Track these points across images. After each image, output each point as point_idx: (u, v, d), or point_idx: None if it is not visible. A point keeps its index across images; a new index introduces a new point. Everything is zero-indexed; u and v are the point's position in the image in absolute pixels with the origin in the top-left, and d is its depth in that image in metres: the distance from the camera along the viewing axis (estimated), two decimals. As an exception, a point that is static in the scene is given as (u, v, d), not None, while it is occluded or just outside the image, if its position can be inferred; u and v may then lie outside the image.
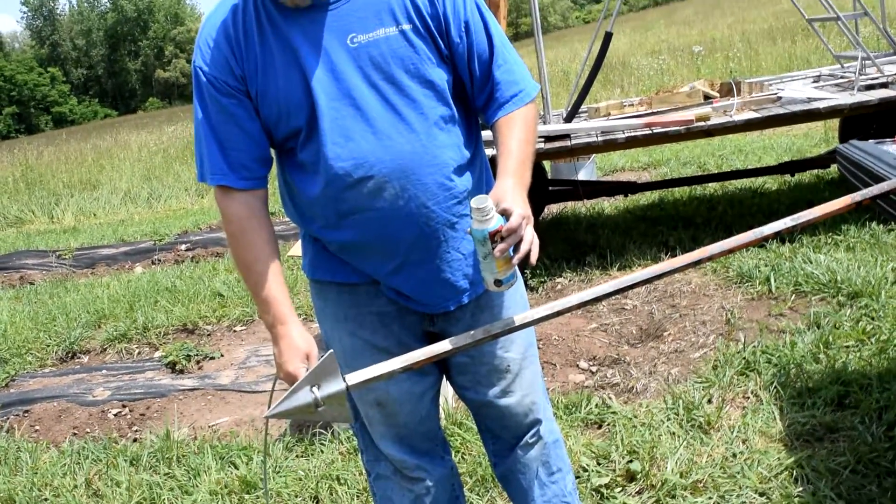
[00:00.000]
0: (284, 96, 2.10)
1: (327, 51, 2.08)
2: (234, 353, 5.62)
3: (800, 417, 3.53)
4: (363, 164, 2.09)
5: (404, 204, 2.13)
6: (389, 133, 2.10)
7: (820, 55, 13.90)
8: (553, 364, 4.61)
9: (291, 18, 2.08)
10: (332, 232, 2.22)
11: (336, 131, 2.09)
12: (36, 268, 9.57)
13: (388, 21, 2.10)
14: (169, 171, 16.03)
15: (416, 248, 2.20)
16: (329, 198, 2.15)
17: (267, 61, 2.10)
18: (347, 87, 2.08)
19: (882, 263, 4.98)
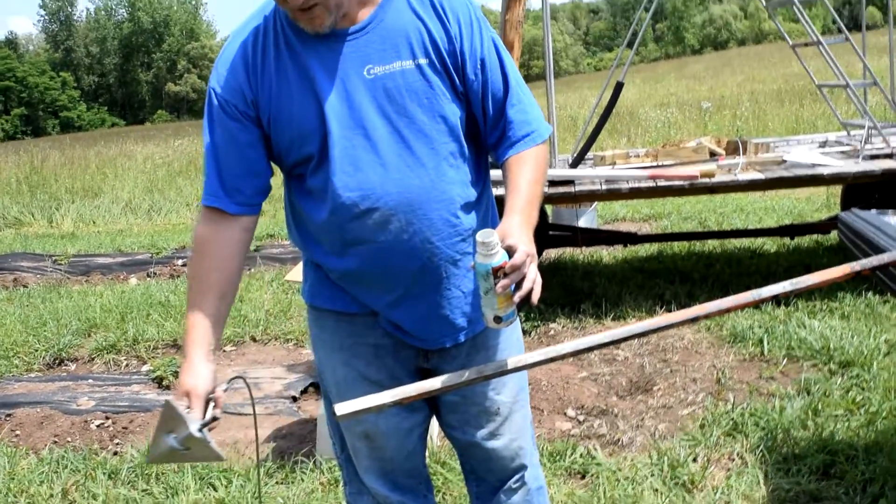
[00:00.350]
0: (298, 122, 2.11)
1: (343, 80, 2.09)
2: (222, 373, 5.59)
3: (784, 483, 3.52)
4: (370, 196, 2.10)
5: (408, 238, 2.13)
6: (398, 166, 2.11)
7: (827, 120, 13.98)
8: (541, 410, 4.59)
9: (310, 45, 2.10)
10: (334, 260, 2.22)
11: (346, 160, 2.09)
12: (31, 271, 9.55)
13: (405, 54, 2.11)
14: (172, 184, 16.04)
15: (418, 282, 2.19)
16: (334, 226, 2.15)
17: (282, 86, 2.11)
18: (360, 117, 2.09)
19: (876, 334, 4.98)
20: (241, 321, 6.55)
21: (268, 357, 5.90)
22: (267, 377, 5.41)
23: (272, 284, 7.71)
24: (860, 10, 9.05)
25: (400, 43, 2.11)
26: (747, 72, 33.56)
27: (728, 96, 22.12)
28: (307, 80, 2.10)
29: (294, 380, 5.33)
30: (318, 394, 4.93)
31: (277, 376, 5.42)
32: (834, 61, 7.14)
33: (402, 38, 2.11)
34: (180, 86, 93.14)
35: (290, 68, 2.11)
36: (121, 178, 16.84)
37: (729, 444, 3.92)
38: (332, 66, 2.09)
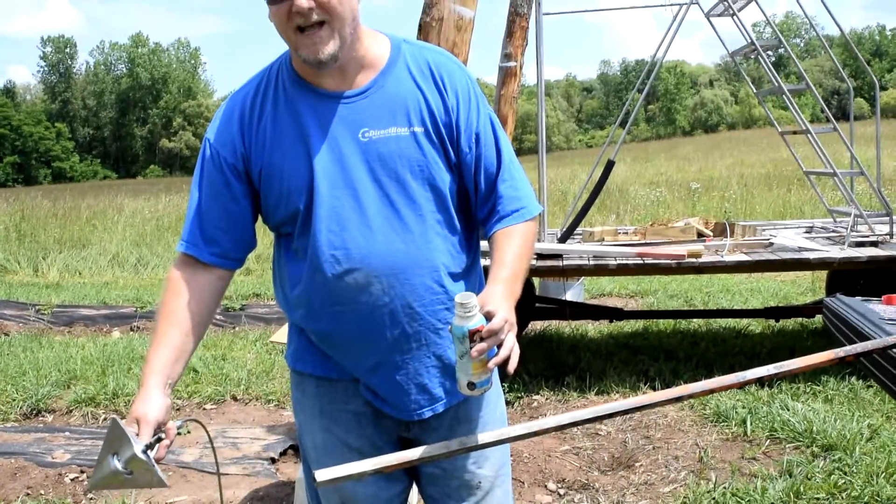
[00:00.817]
0: (288, 177, 2.12)
1: (337, 140, 2.10)
2: (201, 431, 5.53)
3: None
4: (353, 256, 2.10)
5: (389, 301, 2.12)
6: (384, 229, 2.11)
7: (813, 206, 14.14)
8: (521, 482, 4.56)
9: (308, 103, 2.13)
10: (314, 321, 2.21)
11: (333, 219, 2.10)
12: (13, 319, 9.49)
13: (401, 121, 2.13)
14: (160, 239, 16.05)
15: (396, 348, 2.18)
16: (316, 285, 2.14)
17: (276, 140, 2.13)
18: (351, 178, 2.10)
19: (859, 419, 4.98)
20: (223, 379, 6.51)
21: (248, 417, 5.85)
22: (246, 437, 5.36)
23: (256, 344, 7.68)
24: (848, 101, 9.23)
25: (398, 110, 2.13)
26: (736, 155, 33.98)
27: (717, 178, 22.36)
28: (302, 136, 2.11)
29: (273, 441, 5.28)
30: (298, 456, 4.88)
31: (257, 437, 5.37)
32: (822, 149, 7.26)
33: (401, 106, 2.13)
34: (174, 142, 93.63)
35: (286, 123, 2.13)
36: (109, 230, 16.84)
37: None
38: (327, 125, 2.11)
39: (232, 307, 9.78)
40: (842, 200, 8.81)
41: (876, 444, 4.67)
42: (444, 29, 5.01)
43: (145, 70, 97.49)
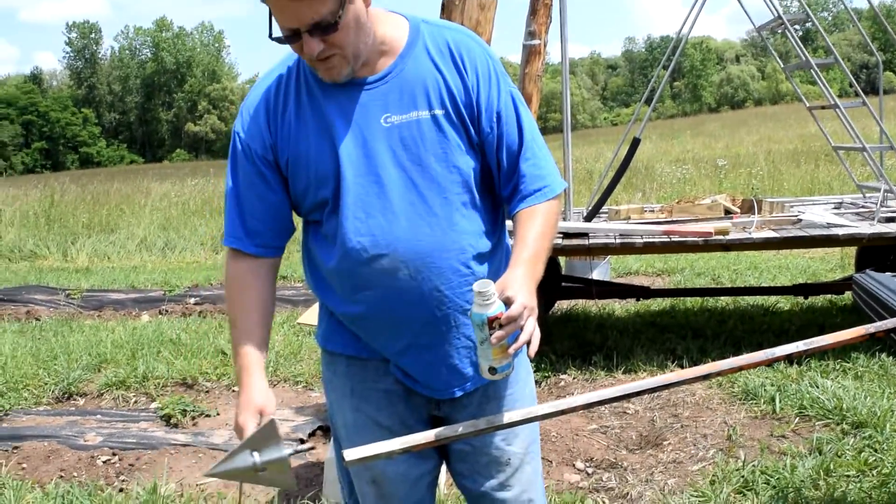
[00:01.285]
0: (315, 167, 2.14)
1: (361, 128, 2.12)
2: (230, 413, 5.58)
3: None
4: (380, 242, 2.12)
5: (417, 285, 2.14)
6: (410, 214, 2.13)
7: (842, 182, 14.00)
8: (549, 461, 4.56)
9: (330, 93, 2.14)
10: (344, 305, 2.23)
11: (359, 206, 2.12)
12: (44, 304, 9.59)
13: (422, 105, 2.14)
14: (187, 223, 16.11)
15: (425, 331, 2.20)
16: (344, 271, 2.17)
17: (301, 131, 2.15)
18: (375, 164, 2.12)
19: (889, 396, 4.94)
20: (252, 361, 6.54)
21: (276, 399, 5.85)
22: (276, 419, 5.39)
23: (283, 326, 7.72)
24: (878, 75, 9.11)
25: (418, 93, 2.14)
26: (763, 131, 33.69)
27: (744, 155, 22.19)
28: (325, 126, 2.14)
29: (302, 422, 5.31)
30: (327, 437, 4.92)
31: (286, 418, 5.40)
32: (851, 124, 7.18)
33: (420, 88, 2.14)
34: (200, 126, 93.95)
35: (309, 114, 2.16)
36: (137, 214, 16.94)
37: (739, 501, 3.89)
38: (350, 113, 2.13)
39: (259, 289, 9.82)
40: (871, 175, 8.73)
41: None
42: (468, 7, 4.98)
43: (170, 54, 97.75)
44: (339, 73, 2.08)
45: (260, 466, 1.96)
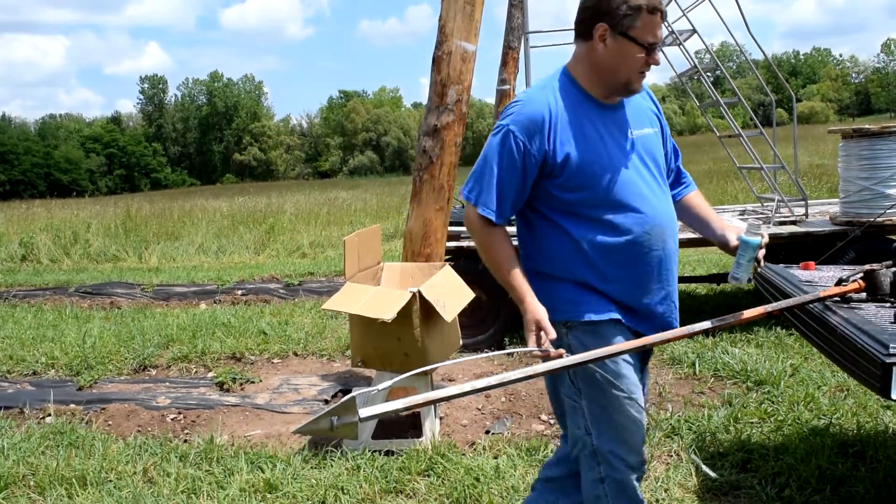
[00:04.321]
0: (594, 168, 2.23)
1: (620, 137, 2.28)
2: (270, 380, 5.57)
3: (713, 473, 3.48)
4: (653, 217, 2.28)
5: (662, 248, 2.32)
6: (660, 197, 2.32)
7: (745, 194, 14.01)
8: (520, 414, 4.56)
9: (596, 112, 2.27)
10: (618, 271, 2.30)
11: (632, 194, 2.25)
12: (124, 296, 9.52)
13: (650, 124, 2.38)
14: (235, 231, 16.03)
15: (668, 276, 2.39)
16: (626, 243, 2.26)
17: (580, 144, 2.23)
18: (634, 163, 2.27)
19: (783, 360, 4.96)
20: (286, 340, 6.53)
21: (306, 368, 5.87)
22: (305, 384, 5.38)
23: (311, 312, 7.70)
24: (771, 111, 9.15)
25: (645, 116, 2.37)
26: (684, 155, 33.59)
27: (669, 173, 22.15)
28: (598, 134, 2.25)
29: (327, 386, 5.30)
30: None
31: (313, 384, 5.39)
32: (751, 149, 7.20)
33: (646, 113, 2.39)
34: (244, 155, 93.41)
35: (587, 127, 2.25)
36: (196, 225, 16.84)
37: (668, 443, 3.89)
38: (612, 127, 2.28)
39: (291, 283, 9.79)
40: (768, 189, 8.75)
41: (796, 379, 4.65)
42: (453, 61, 4.98)
43: (220, 99, 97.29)
44: (640, 87, 2.29)
45: (336, 426, 1.98)
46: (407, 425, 4.29)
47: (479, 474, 3.58)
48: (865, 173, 6.01)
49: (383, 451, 3.98)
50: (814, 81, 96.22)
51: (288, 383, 5.42)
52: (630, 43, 2.17)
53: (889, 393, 1.90)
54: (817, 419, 4.05)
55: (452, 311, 4.01)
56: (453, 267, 4.49)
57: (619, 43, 2.18)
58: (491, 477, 3.56)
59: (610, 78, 2.24)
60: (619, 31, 2.17)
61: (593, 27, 2.21)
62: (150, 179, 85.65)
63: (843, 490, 3.24)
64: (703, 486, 3.41)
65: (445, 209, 5.04)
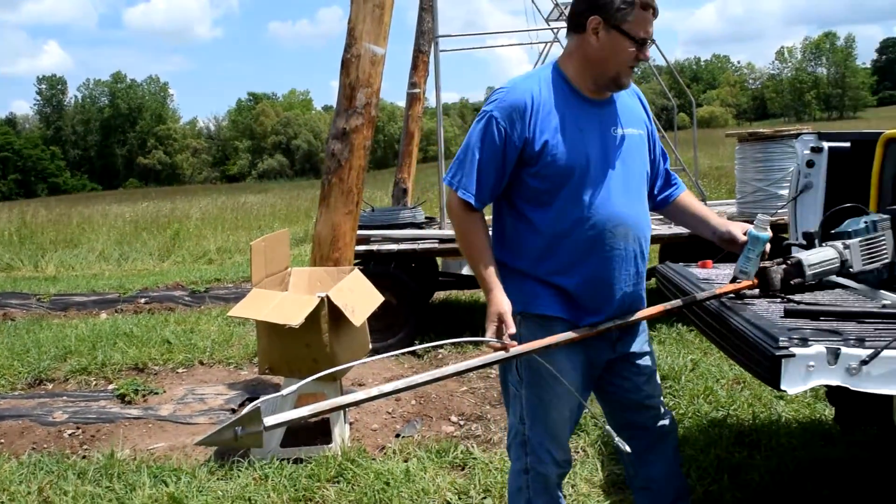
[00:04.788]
0: (569, 155, 2.25)
1: (601, 133, 2.30)
2: (175, 390, 5.40)
3: (616, 469, 3.56)
4: (620, 215, 2.30)
5: (625, 248, 2.34)
6: (632, 197, 2.34)
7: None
8: (430, 416, 4.56)
9: (580, 106, 2.30)
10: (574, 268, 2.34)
11: (602, 190, 2.28)
12: (18, 307, 9.07)
13: (636, 125, 2.39)
14: (138, 238, 15.55)
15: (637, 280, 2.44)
16: (598, 240, 2.30)
17: (559, 134, 2.25)
18: (611, 161, 2.29)
19: (683, 355, 5.12)
20: (192, 348, 6.35)
21: (213, 378, 5.72)
22: (211, 393, 5.24)
23: (218, 319, 7.51)
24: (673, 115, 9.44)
25: (633, 116, 2.39)
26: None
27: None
28: (578, 129, 2.27)
29: (234, 395, 5.18)
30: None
31: (220, 393, 5.26)
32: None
33: (636, 113, 2.41)
34: (149, 159, 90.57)
35: (568, 119, 2.26)
36: (96, 232, 16.25)
37: (574, 440, 3.95)
38: (594, 122, 2.30)
39: (197, 290, 9.54)
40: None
41: (696, 374, 4.81)
42: (362, 64, 4.96)
43: (124, 101, 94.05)
44: (629, 82, 2.33)
45: (240, 436, 1.93)
46: (316, 432, 4.23)
47: (389, 478, 3.57)
48: (760, 175, 6.28)
49: (292, 458, 3.92)
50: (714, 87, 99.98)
51: (193, 393, 5.27)
52: (622, 36, 2.22)
53: (779, 384, 1.97)
54: (716, 411, 4.20)
55: (361, 315, 3.98)
56: (363, 271, 4.47)
57: (611, 36, 2.23)
58: (401, 481, 3.55)
59: (600, 71, 2.28)
60: (612, 24, 2.21)
61: (587, 20, 2.24)
62: (47, 184, 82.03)
63: (741, 478, 3.37)
64: (608, 481, 3.48)
65: (354, 213, 5.00)
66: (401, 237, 6.55)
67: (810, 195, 3.51)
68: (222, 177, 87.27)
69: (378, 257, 6.20)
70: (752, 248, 2.35)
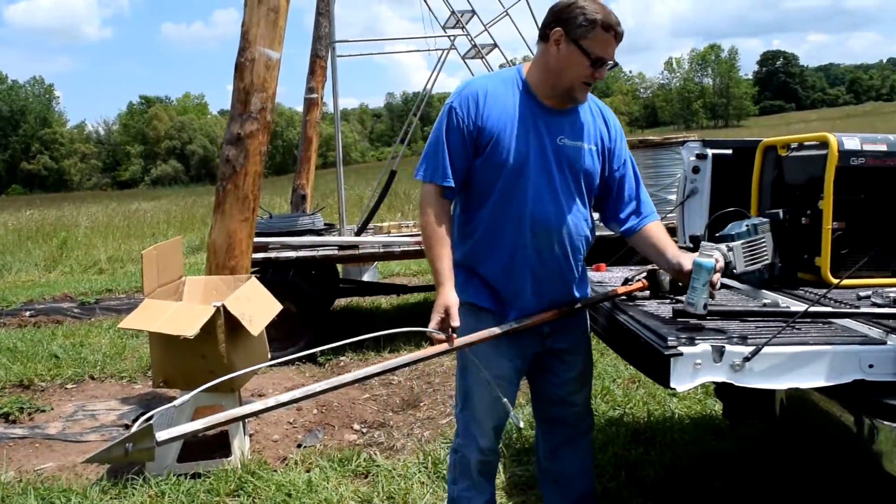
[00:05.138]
0: (511, 153, 2.36)
1: (547, 138, 2.39)
2: (64, 407, 5.15)
3: (518, 471, 3.62)
4: (544, 219, 2.39)
5: (559, 249, 2.44)
6: (562, 204, 2.41)
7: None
8: (332, 425, 4.52)
9: (532, 109, 2.40)
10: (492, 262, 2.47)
11: (533, 190, 2.38)
12: None
13: (588, 140, 2.45)
14: (22, 247, 14.78)
15: (570, 281, 2.53)
16: (519, 235, 2.40)
17: (505, 131, 2.37)
18: (550, 166, 2.39)
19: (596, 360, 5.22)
20: (81, 362, 6.08)
21: (105, 393, 5.48)
22: (103, 409, 5.03)
23: (109, 331, 7.22)
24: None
25: (585, 129, 2.45)
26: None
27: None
28: (526, 130, 2.38)
29: (127, 410, 4.99)
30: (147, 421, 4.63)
31: (112, 408, 5.05)
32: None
33: (588, 129, 2.46)
34: (33, 164, 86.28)
35: (517, 117, 2.38)
36: (-25, 241, 15.36)
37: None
38: (543, 128, 2.39)
39: (87, 301, 9.14)
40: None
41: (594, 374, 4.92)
42: (256, 68, 4.88)
43: (4, 103, 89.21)
44: (585, 98, 2.43)
45: (131, 451, 1.90)
46: (215, 445, 4.12)
47: (291, 490, 3.51)
48: (650, 181, 6.51)
49: (190, 473, 3.80)
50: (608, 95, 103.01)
51: (84, 410, 5.05)
52: (579, 52, 2.32)
53: (669, 382, 2.05)
54: (613, 410, 4.32)
55: (259, 324, 3.91)
56: (261, 279, 4.38)
57: (570, 49, 2.33)
58: (303, 491, 3.50)
59: (555, 80, 2.39)
60: (572, 38, 2.32)
61: (551, 31, 2.36)
62: (-81, 192, 77.08)
63: (637, 474, 3.48)
64: (510, 482, 3.53)
65: (251, 220, 4.90)
66: (300, 244, 6.46)
67: (696, 200, 3.66)
68: (113, 183, 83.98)
69: (277, 265, 6.10)
70: (697, 277, 2.23)
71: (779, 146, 3.16)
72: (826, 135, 2.82)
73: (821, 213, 2.80)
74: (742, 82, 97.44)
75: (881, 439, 1.94)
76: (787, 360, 2.06)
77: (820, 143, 2.89)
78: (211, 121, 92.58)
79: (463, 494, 2.65)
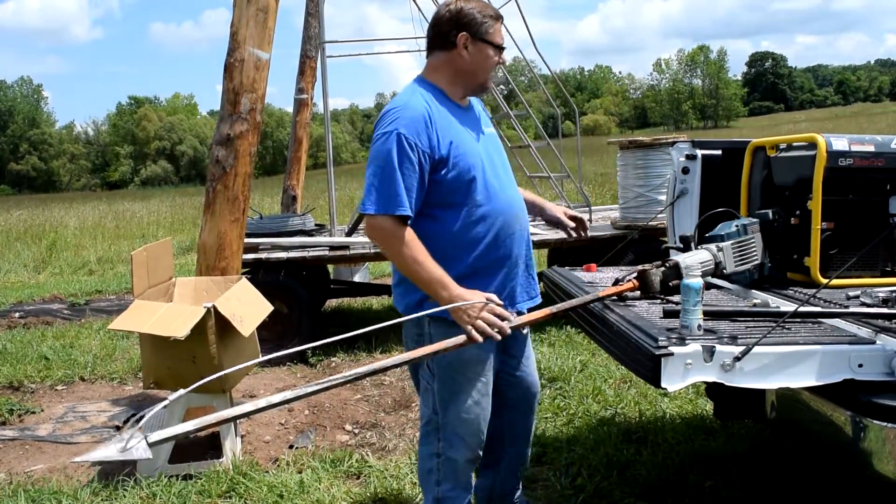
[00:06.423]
0: (467, 158, 2.47)
1: (478, 134, 2.60)
2: (54, 408, 5.13)
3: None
4: (508, 205, 2.58)
5: (520, 228, 2.64)
6: (510, 186, 2.64)
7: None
8: (324, 426, 4.51)
9: (457, 113, 2.55)
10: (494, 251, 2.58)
11: (494, 184, 2.54)
12: None
13: (489, 125, 2.72)
14: (11, 248, 14.70)
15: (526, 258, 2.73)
16: (489, 226, 2.52)
17: (458, 138, 2.48)
18: (491, 157, 2.59)
19: (573, 357, 5.26)
20: (72, 364, 6.04)
21: (95, 394, 5.46)
22: (94, 410, 5.01)
23: (99, 333, 7.18)
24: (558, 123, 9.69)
25: (485, 118, 2.71)
26: (481, 164, 34.82)
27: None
28: (466, 134, 2.52)
29: (118, 412, 4.97)
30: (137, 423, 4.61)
31: (103, 409, 5.03)
32: (540, 159, 7.60)
33: (484, 116, 2.71)
34: (22, 165, 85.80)
35: (458, 127, 2.50)
36: (-36, 243, 15.27)
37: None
38: (472, 126, 2.59)
39: (77, 302, 9.10)
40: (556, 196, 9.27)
41: (585, 374, 4.95)
42: (246, 68, 4.87)
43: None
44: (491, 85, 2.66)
45: (122, 455, 1.93)
46: (207, 446, 4.11)
47: (283, 491, 3.51)
48: (640, 181, 6.53)
49: (181, 475, 3.79)
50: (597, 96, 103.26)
51: (74, 411, 5.02)
52: (487, 46, 2.55)
53: (659, 382, 2.05)
54: (604, 410, 4.33)
55: (250, 325, 3.90)
56: (251, 280, 4.37)
57: (479, 47, 2.54)
58: (295, 492, 3.49)
59: (471, 79, 2.58)
60: (479, 37, 2.53)
61: (456, 37, 2.53)
62: None
63: (629, 473, 3.49)
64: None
65: (241, 220, 4.89)
66: (290, 245, 6.45)
67: (686, 200, 3.67)
68: (103, 184, 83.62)
69: (267, 266, 6.09)
70: (687, 299, 2.17)
71: (768, 147, 3.18)
72: (815, 136, 2.83)
73: (810, 214, 2.82)
74: (731, 83, 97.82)
75: (870, 438, 1.96)
76: (778, 359, 2.07)
77: (808, 143, 2.91)
78: (200, 121, 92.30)
79: (447, 495, 2.68)
